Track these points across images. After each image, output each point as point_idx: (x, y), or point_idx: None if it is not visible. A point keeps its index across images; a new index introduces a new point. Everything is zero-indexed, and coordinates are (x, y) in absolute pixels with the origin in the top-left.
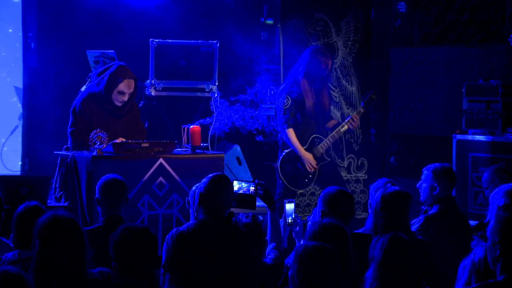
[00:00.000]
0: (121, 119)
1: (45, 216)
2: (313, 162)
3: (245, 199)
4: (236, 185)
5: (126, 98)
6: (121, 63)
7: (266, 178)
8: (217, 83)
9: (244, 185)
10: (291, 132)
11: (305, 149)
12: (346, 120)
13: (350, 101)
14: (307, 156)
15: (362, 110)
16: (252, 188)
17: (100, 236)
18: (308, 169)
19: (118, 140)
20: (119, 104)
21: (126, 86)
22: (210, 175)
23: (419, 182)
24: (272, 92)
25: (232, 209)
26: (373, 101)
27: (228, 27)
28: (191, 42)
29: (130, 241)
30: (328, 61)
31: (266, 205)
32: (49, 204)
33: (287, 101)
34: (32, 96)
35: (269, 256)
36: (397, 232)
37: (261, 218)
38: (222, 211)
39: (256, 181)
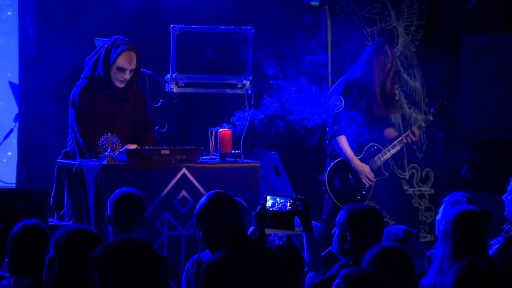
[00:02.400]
0: (126, 103)
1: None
2: (371, 175)
3: (281, 218)
4: (269, 201)
5: (127, 76)
6: (119, 36)
7: (310, 192)
8: (251, 78)
9: (279, 200)
10: (342, 140)
11: (359, 159)
12: (405, 134)
13: (412, 99)
14: (363, 168)
15: (431, 118)
16: (288, 205)
17: None
18: (365, 183)
19: (132, 146)
20: (120, 85)
21: (125, 60)
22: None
23: (505, 194)
24: (318, 87)
25: (265, 230)
26: (445, 109)
27: (264, 9)
28: (220, 28)
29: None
30: (387, 60)
31: (300, 224)
32: (50, 223)
33: (340, 103)
34: (30, 93)
35: None
36: (475, 259)
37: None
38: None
39: (294, 195)
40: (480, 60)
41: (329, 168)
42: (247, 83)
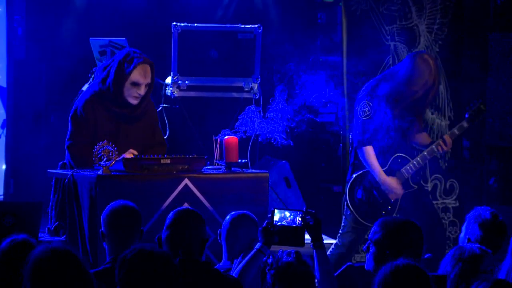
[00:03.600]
0: (134, 124)
1: (39, 251)
2: (398, 189)
3: (290, 233)
4: (277, 215)
5: (142, 91)
6: (131, 48)
7: (323, 205)
8: (259, 80)
9: (287, 214)
10: (369, 150)
11: (384, 171)
12: (435, 143)
13: (436, 103)
14: (389, 182)
15: (465, 125)
16: (298, 219)
17: (107, 281)
18: (391, 198)
19: (129, 155)
20: (134, 102)
21: (140, 74)
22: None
23: None
24: (331, 93)
25: (273, 246)
26: (482, 114)
27: (273, 6)
28: (226, 26)
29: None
30: (429, 76)
31: (310, 240)
32: (41, 238)
33: (368, 109)
34: (19, 97)
35: None
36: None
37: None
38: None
39: (304, 209)
40: (509, 62)
41: (351, 180)
42: (255, 86)
